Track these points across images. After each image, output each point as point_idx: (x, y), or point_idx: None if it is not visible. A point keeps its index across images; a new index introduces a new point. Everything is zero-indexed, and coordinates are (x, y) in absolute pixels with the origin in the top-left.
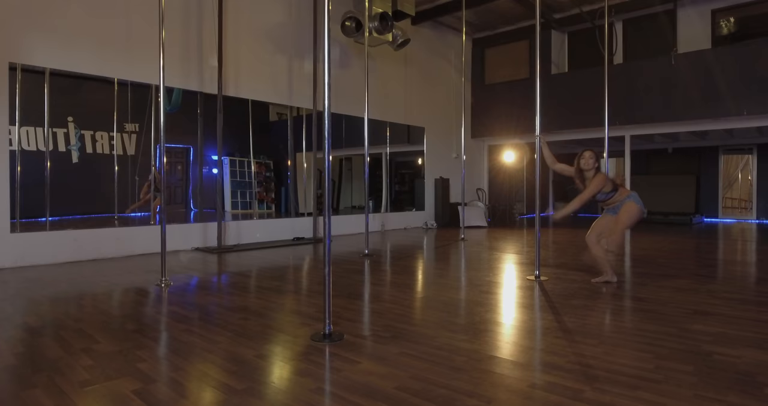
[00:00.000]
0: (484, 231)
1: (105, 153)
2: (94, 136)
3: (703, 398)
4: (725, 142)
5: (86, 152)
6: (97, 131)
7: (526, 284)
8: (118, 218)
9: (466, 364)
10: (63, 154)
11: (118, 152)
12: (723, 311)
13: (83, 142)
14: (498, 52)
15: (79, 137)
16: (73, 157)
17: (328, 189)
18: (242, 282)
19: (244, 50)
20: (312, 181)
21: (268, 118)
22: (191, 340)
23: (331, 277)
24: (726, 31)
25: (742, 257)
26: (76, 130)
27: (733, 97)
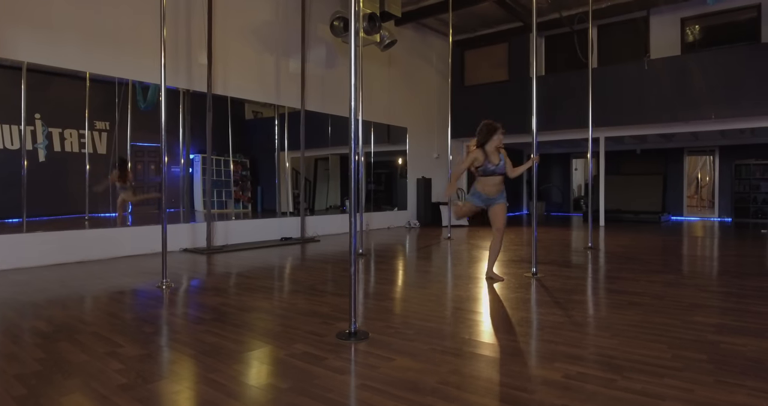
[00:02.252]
0: (466, 230)
1: (74, 152)
2: (63, 134)
3: (724, 383)
4: (690, 144)
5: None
6: (66, 129)
7: (526, 281)
8: (89, 218)
9: (495, 358)
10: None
11: (88, 151)
12: (715, 303)
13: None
14: (477, 54)
15: (46, 135)
16: (39, 155)
17: (354, 188)
18: (244, 283)
19: (233, 49)
20: (290, 181)
21: (244, 117)
22: (216, 341)
23: (356, 276)
24: (692, 38)
25: (715, 253)
26: (44, 128)
27: (702, 102)
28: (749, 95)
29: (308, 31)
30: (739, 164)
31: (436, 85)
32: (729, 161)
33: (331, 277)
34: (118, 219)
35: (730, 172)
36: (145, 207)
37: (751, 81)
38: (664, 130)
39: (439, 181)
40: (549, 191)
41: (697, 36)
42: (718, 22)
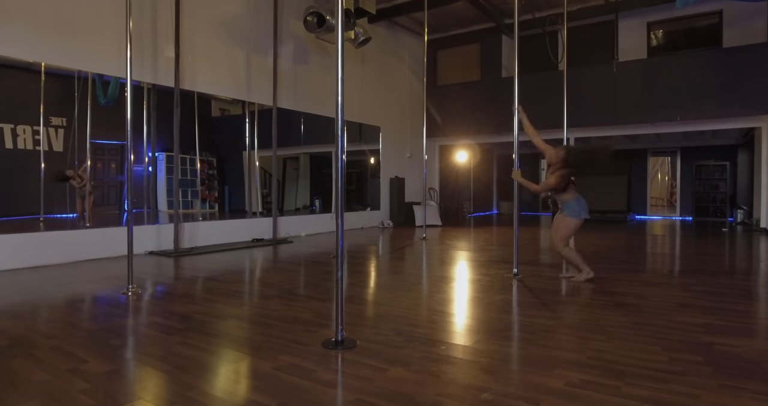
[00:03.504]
0: (440, 230)
1: (28, 149)
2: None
3: (728, 387)
4: (653, 145)
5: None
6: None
7: (509, 282)
8: (44, 220)
9: (493, 365)
10: None
11: (43, 148)
12: (697, 302)
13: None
14: (450, 54)
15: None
16: None
17: (341, 189)
18: (218, 288)
19: (201, 42)
20: (259, 181)
21: (210, 114)
22: (192, 354)
23: (343, 282)
24: (655, 42)
25: (685, 252)
26: None
27: (668, 104)
28: (712, 98)
29: (280, 25)
30: (699, 165)
31: (408, 85)
32: (690, 162)
33: (310, 280)
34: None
35: (690, 173)
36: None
37: (713, 84)
38: (631, 132)
39: (412, 181)
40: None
41: (662, 40)
42: (682, 26)
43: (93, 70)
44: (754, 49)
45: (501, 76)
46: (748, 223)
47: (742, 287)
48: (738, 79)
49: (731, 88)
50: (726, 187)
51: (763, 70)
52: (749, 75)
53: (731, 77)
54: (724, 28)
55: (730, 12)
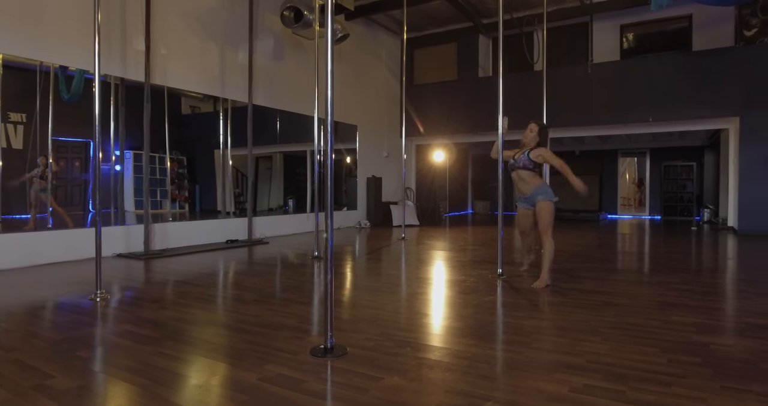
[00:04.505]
0: (418, 230)
1: None
2: None
3: (730, 389)
4: (624, 145)
5: None
6: None
7: (494, 283)
8: (2, 221)
9: (493, 371)
10: None
11: (1, 145)
12: (683, 301)
13: None
14: (427, 53)
15: None
16: None
17: (331, 188)
18: (194, 292)
19: (173, 35)
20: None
21: (181, 111)
22: (171, 365)
23: (333, 285)
24: (630, 44)
25: (661, 251)
26: None
27: (640, 105)
28: (682, 100)
29: (256, 20)
30: (667, 165)
31: (385, 83)
32: (659, 162)
33: (290, 283)
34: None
35: (659, 173)
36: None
37: (683, 86)
38: (604, 132)
39: (389, 180)
40: (494, 191)
41: (634, 43)
42: (654, 30)
43: (56, 62)
44: (722, 52)
45: (478, 76)
46: (714, 222)
47: (723, 286)
48: (707, 82)
49: (701, 90)
50: (693, 187)
51: (731, 73)
52: (717, 78)
53: (700, 80)
54: (694, 32)
55: (699, 16)
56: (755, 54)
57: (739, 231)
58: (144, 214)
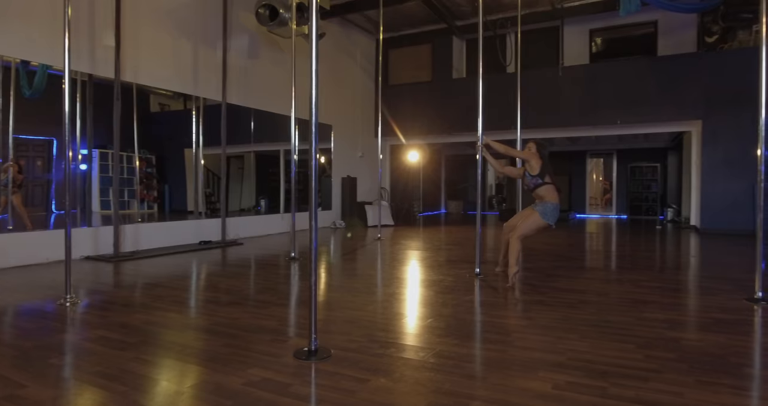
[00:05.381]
0: (393, 230)
1: None
2: None
3: (705, 383)
4: (592, 147)
5: None
6: None
7: (472, 282)
8: None
9: (477, 370)
10: None
11: None
12: (655, 299)
13: None
14: (402, 53)
15: None
16: None
17: (315, 189)
18: (169, 295)
19: (145, 31)
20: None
21: (149, 109)
22: (149, 371)
23: (317, 287)
24: (599, 48)
25: (629, 250)
26: None
27: (609, 108)
28: (648, 103)
29: (230, 17)
30: (633, 166)
31: (360, 83)
32: (625, 163)
33: (268, 284)
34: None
35: (625, 174)
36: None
37: (649, 90)
38: (574, 134)
39: (364, 180)
40: (466, 191)
41: (603, 47)
42: (622, 34)
43: (18, 56)
44: (685, 58)
45: (452, 77)
46: (677, 221)
47: (689, 283)
48: (671, 86)
49: (665, 94)
50: (657, 187)
51: (693, 78)
52: (681, 82)
53: (665, 84)
54: (659, 38)
55: (664, 22)
56: (716, 60)
57: (700, 229)
58: (113, 215)
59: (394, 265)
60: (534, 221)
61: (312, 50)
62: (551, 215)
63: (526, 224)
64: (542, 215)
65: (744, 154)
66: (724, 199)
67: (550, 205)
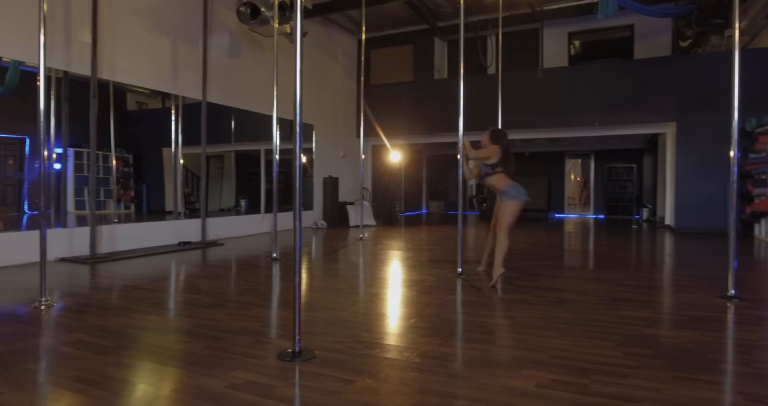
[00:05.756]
0: (375, 230)
1: None
2: None
3: (682, 379)
4: (571, 148)
5: None
6: None
7: (454, 282)
8: None
9: (462, 369)
10: None
11: None
12: (633, 297)
13: None
14: (383, 54)
15: None
16: None
17: (299, 188)
18: (148, 297)
19: (123, 28)
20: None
21: (126, 107)
22: (131, 376)
23: (301, 288)
24: (577, 51)
25: (606, 249)
26: None
27: (587, 110)
28: (625, 105)
29: (211, 15)
30: (610, 167)
31: (341, 83)
32: (602, 164)
33: (249, 285)
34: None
35: (603, 174)
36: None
37: (626, 93)
38: (553, 135)
39: (345, 180)
40: (447, 191)
41: (581, 50)
42: (599, 37)
43: None
44: (660, 61)
45: (433, 78)
46: (652, 220)
47: (665, 281)
48: (647, 89)
49: (641, 96)
50: (633, 187)
51: (668, 81)
52: (656, 85)
53: (641, 86)
54: (635, 41)
55: (640, 26)
56: (690, 64)
57: (675, 229)
58: (89, 215)
59: (377, 265)
60: (508, 208)
61: (297, 50)
62: (515, 193)
63: (505, 217)
64: (510, 198)
65: (716, 155)
66: (698, 200)
67: (508, 188)
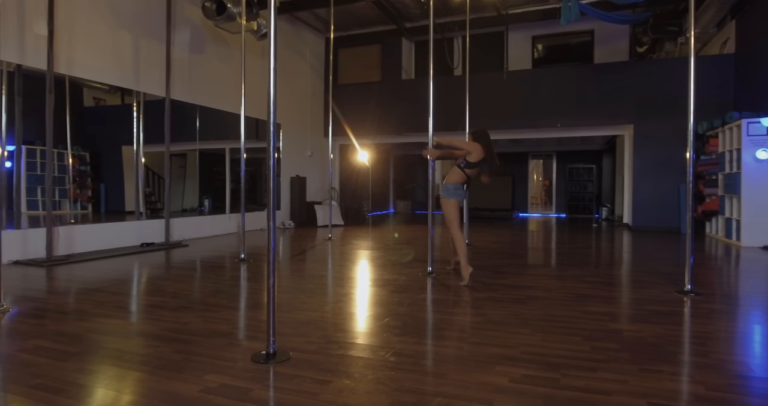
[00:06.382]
0: (343, 230)
1: None
2: None
3: (648, 371)
4: (533, 149)
5: None
6: None
7: (425, 281)
8: None
9: (437, 367)
10: None
11: None
12: (596, 293)
13: None
14: (351, 53)
15: None
16: None
17: (273, 188)
18: (110, 301)
19: (81, 20)
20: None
21: (83, 103)
22: (98, 383)
23: (275, 288)
24: (537, 55)
25: (569, 247)
26: None
27: (549, 112)
28: (586, 108)
29: (174, 9)
30: (571, 168)
31: (309, 82)
32: (564, 165)
33: (218, 287)
34: None
35: (564, 174)
36: None
37: (586, 96)
38: (517, 136)
39: (313, 180)
40: (413, 191)
41: (544, 53)
42: (561, 42)
43: None
44: (618, 65)
45: (401, 79)
46: (611, 219)
47: (626, 277)
48: (606, 92)
49: (601, 99)
50: (593, 187)
51: (626, 85)
52: (615, 89)
53: (601, 90)
54: (595, 46)
55: (600, 32)
56: (646, 69)
57: (632, 227)
58: (47, 215)
59: (347, 265)
60: (444, 205)
61: (271, 48)
62: (451, 193)
63: (447, 215)
64: (444, 195)
65: (671, 157)
66: (654, 199)
67: (449, 185)
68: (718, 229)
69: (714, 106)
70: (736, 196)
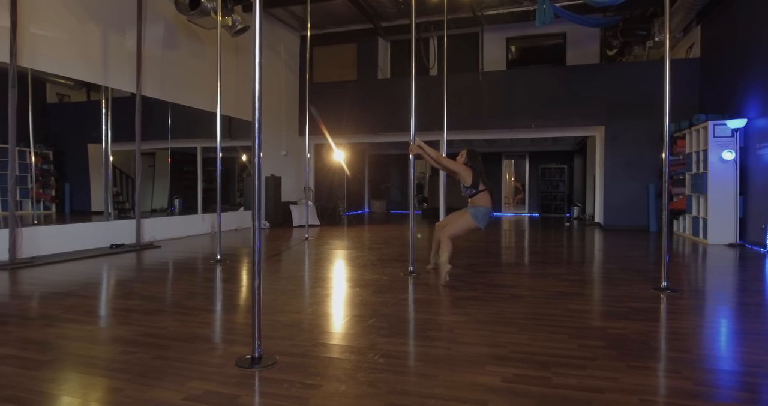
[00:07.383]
0: (319, 230)
1: None
2: None
3: (635, 367)
4: (507, 149)
5: None
6: None
7: (407, 281)
8: None
9: (428, 369)
10: None
11: None
12: (577, 290)
13: None
14: (326, 52)
15: None
16: None
17: (259, 188)
18: (81, 305)
19: (46, 11)
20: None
21: (46, 99)
22: (72, 392)
23: (260, 290)
24: (511, 56)
25: (545, 245)
26: None
27: (523, 113)
28: (558, 109)
29: (145, 3)
30: (543, 168)
31: (284, 80)
32: (536, 165)
33: (195, 289)
34: None
35: (537, 174)
36: None
37: (559, 97)
38: (491, 136)
39: (288, 179)
40: (389, 190)
41: (518, 55)
42: (534, 44)
43: None
44: (589, 68)
45: (377, 78)
46: (582, 218)
47: (602, 275)
48: (578, 94)
49: (572, 101)
50: (564, 187)
51: (597, 87)
52: (586, 91)
53: (573, 91)
54: (568, 49)
55: (572, 34)
56: (616, 71)
57: (604, 226)
58: (9, 216)
59: (327, 266)
60: (465, 222)
61: (256, 46)
62: (482, 218)
63: (457, 225)
64: (473, 218)
65: (640, 157)
66: (624, 198)
67: (482, 209)
68: (686, 227)
69: (681, 109)
70: (703, 196)
